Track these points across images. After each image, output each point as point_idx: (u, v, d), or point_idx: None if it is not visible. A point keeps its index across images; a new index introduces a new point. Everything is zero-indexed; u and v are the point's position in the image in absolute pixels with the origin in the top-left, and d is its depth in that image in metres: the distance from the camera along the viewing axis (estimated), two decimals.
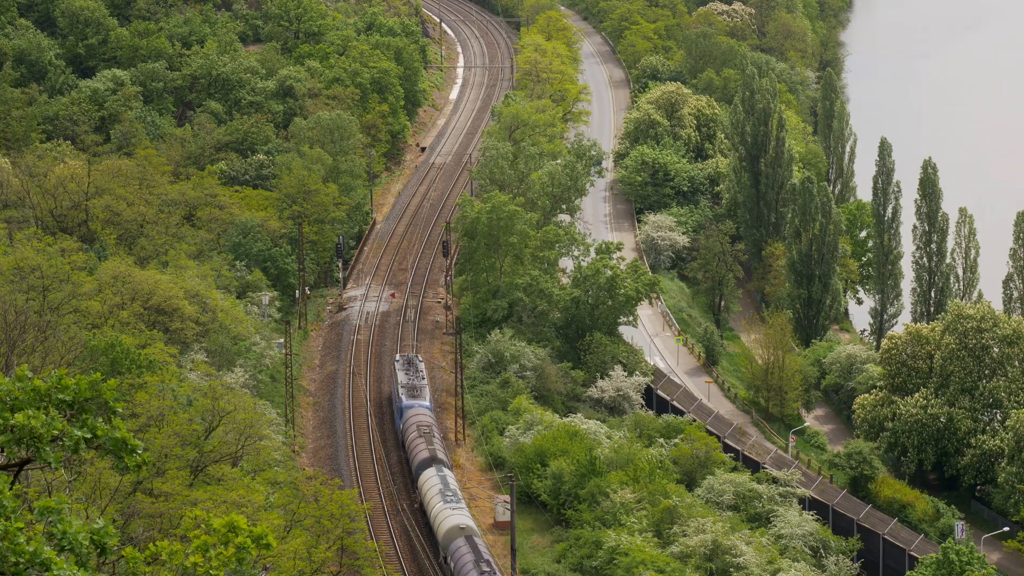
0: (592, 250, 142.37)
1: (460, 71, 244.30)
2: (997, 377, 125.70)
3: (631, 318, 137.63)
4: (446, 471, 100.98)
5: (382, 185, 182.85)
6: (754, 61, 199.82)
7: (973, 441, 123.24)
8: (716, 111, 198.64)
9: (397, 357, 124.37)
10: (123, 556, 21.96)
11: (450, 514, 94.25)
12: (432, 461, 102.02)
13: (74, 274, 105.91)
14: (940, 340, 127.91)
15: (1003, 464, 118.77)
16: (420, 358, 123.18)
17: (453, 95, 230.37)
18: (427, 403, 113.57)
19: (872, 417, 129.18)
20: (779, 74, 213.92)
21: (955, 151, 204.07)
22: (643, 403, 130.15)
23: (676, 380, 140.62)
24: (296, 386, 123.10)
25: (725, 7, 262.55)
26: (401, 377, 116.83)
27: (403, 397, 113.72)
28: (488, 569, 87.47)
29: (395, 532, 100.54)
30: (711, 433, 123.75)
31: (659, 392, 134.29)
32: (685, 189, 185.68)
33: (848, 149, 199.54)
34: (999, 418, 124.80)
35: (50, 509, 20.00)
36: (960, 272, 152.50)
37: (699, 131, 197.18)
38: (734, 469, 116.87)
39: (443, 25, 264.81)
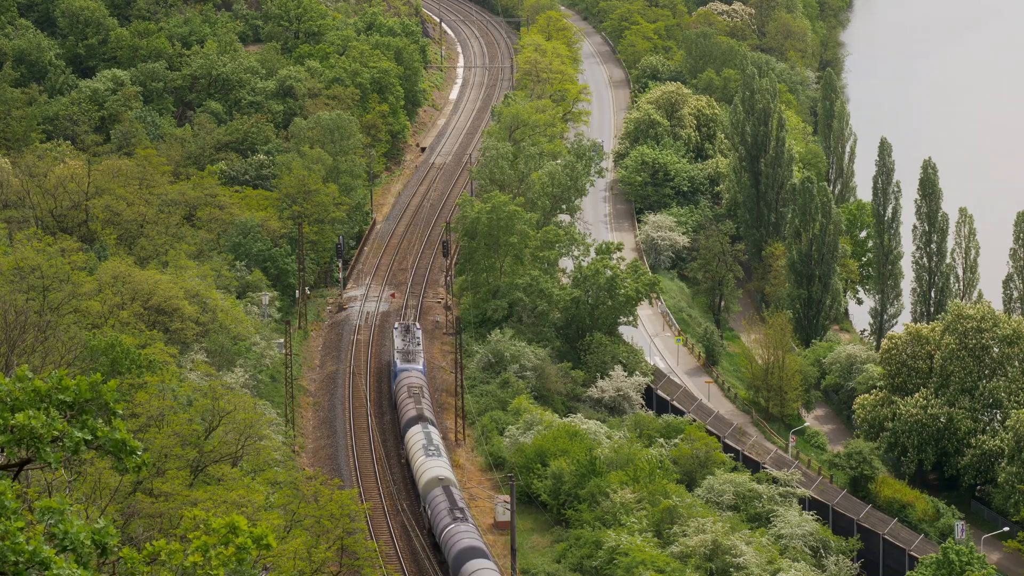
0: (592, 250, 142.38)
1: (460, 71, 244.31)
2: (997, 377, 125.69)
3: (631, 318, 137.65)
4: (431, 428, 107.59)
5: (382, 185, 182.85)
6: (754, 61, 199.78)
7: (973, 441, 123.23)
8: (716, 111, 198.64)
9: (396, 324, 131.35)
10: (122, 556, 21.98)
11: (430, 466, 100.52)
12: (419, 419, 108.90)
13: (74, 274, 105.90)
14: (940, 340, 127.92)
15: (1003, 464, 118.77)
16: (418, 325, 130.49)
17: (453, 95, 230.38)
18: (420, 367, 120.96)
19: (872, 417, 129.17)
20: (779, 74, 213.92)
21: (955, 151, 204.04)
22: (643, 403, 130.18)
23: (676, 380, 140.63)
24: (296, 386, 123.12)
25: (725, 7, 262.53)
26: (398, 343, 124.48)
27: (398, 361, 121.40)
28: (461, 516, 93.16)
29: (395, 532, 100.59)
30: (711, 433, 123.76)
31: (659, 392, 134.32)
32: (685, 189, 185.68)
33: (848, 149, 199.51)
34: (999, 418, 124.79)
35: (51, 509, 20.02)
36: (960, 272, 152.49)
37: (699, 131, 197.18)
38: (734, 469, 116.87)
39: (443, 25, 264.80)
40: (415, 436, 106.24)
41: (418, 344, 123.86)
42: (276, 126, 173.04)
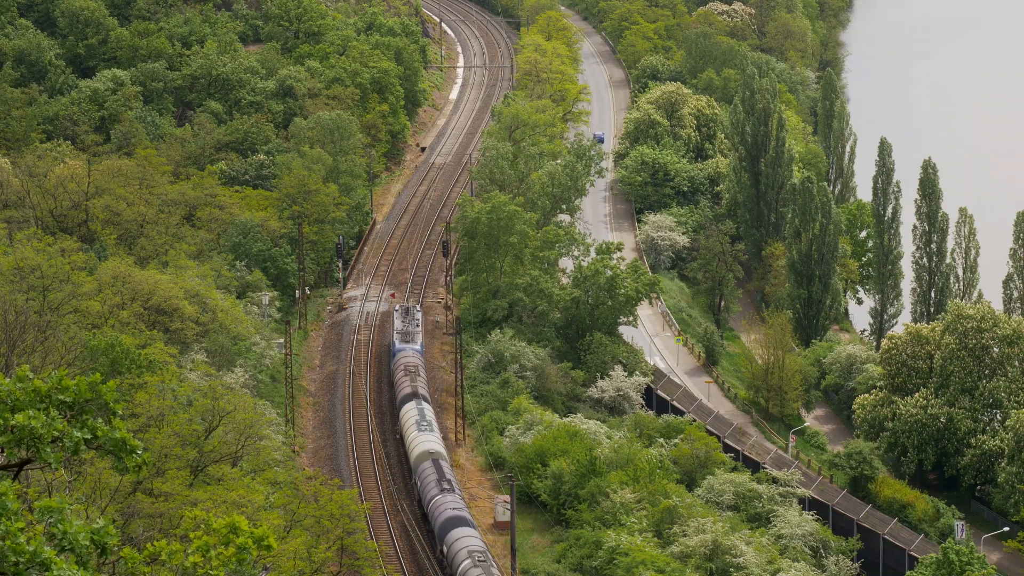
0: (592, 250, 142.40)
1: (460, 71, 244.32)
2: (997, 377, 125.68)
3: (631, 318, 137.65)
4: (424, 404, 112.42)
5: (382, 185, 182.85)
6: (754, 61, 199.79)
7: (973, 441, 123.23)
8: (716, 111, 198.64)
9: (396, 307, 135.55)
10: (122, 556, 21.98)
11: (422, 440, 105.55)
12: (413, 396, 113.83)
13: (74, 274, 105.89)
14: (940, 340, 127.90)
15: (1003, 464, 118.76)
16: (419, 308, 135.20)
17: (453, 95, 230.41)
18: (418, 347, 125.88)
19: (872, 417, 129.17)
20: (779, 74, 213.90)
21: (955, 151, 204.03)
22: (643, 403, 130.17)
23: (676, 380, 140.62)
24: (296, 386, 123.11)
25: (725, 7, 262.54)
26: (398, 324, 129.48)
27: (396, 341, 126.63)
28: (448, 487, 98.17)
29: (395, 532, 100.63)
30: (711, 433, 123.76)
31: (659, 392, 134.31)
32: (685, 189, 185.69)
33: (848, 149, 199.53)
34: (999, 418, 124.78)
35: (51, 509, 20.02)
36: (960, 272, 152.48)
37: (699, 131, 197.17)
38: (734, 469, 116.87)
39: (443, 25, 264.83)
40: (409, 412, 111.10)
41: (417, 326, 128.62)
42: (276, 126, 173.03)
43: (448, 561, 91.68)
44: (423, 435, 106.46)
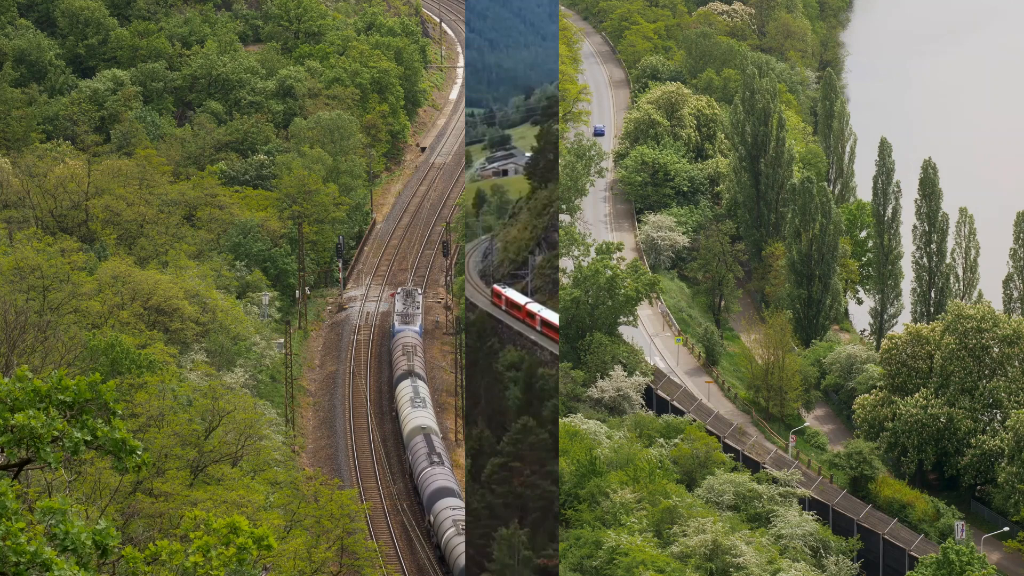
0: (592, 250, 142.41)
1: (460, 71, 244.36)
2: (997, 377, 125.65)
3: (631, 318, 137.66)
4: (419, 382, 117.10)
5: (382, 185, 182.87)
6: (754, 61, 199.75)
7: (973, 441, 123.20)
8: (716, 111, 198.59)
9: (398, 290, 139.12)
10: (123, 556, 21.98)
11: (415, 416, 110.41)
12: (409, 374, 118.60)
13: (74, 274, 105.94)
14: (940, 340, 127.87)
15: (1003, 464, 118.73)
16: (420, 291, 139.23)
17: (453, 95, 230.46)
18: (417, 328, 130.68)
19: (872, 417, 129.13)
20: (779, 74, 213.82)
21: (955, 151, 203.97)
22: (643, 403, 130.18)
23: (676, 380, 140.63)
24: (296, 386, 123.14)
25: (725, 7, 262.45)
26: (398, 306, 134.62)
27: (396, 323, 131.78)
28: (438, 460, 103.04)
29: (395, 532, 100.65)
30: (711, 433, 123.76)
31: (659, 392, 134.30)
32: (685, 189, 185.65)
33: (848, 149, 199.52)
34: (999, 418, 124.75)
35: (53, 510, 20.02)
36: (960, 272, 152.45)
37: (699, 131, 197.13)
38: (734, 469, 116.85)
39: (443, 25, 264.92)
40: (404, 389, 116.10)
41: (418, 308, 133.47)
42: (276, 126, 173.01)
43: (434, 530, 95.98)
44: (416, 411, 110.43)
